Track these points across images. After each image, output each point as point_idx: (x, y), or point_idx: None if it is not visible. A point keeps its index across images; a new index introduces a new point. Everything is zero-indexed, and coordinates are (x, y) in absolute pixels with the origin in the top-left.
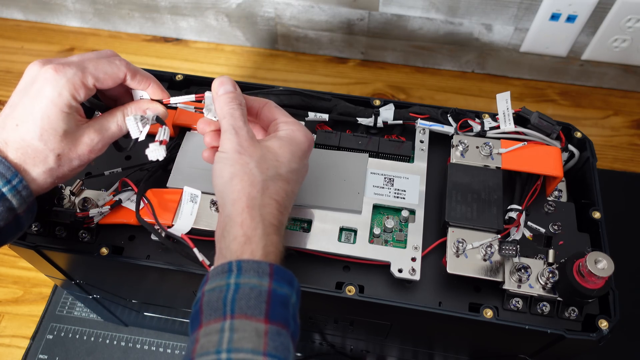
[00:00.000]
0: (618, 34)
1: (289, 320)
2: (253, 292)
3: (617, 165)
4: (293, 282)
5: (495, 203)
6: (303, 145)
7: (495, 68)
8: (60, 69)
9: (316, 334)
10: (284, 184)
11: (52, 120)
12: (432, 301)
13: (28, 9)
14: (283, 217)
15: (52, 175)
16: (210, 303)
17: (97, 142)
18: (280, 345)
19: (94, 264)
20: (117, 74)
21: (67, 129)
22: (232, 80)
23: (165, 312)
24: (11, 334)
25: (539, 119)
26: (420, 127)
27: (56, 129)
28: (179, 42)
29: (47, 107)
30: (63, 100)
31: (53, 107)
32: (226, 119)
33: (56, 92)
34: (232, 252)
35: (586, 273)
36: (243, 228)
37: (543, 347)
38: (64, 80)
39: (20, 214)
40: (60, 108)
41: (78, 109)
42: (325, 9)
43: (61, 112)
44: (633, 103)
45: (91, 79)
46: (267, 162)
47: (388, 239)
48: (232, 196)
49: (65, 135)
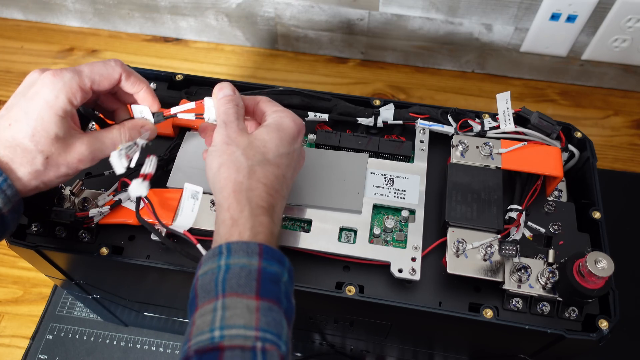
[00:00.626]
0: (618, 33)
1: (280, 297)
2: (243, 271)
3: (617, 165)
4: (284, 261)
5: (495, 203)
6: (291, 130)
7: (495, 68)
8: (58, 73)
9: (316, 334)
10: (273, 168)
11: (46, 122)
12: (432, 301)
13: (28, 9)
14: (275, 201)
15: (37, 177)
16: (204, 286)
17: (87, 153)
18: (273, 321)
19: (94, 264)
20: (112, 75)
21: (59, 133)
22: (231, 85)
23: (165, 312)
24: (11, 334)
25: (539, 119)
26: (420, 127)
27: (48, 132)
28: (179, 42)
29: (42, 109)
30: (59, 103)
31: (48, 109)
32: (220, 116)
33: (53, 95)
34: (221, 236)
35: (586, 273)
36: (230, 212)
37: (543, 347)
38: (61, 84)
39: (5, 214)
40: (55, 111)
41: (73, 116)
42: (325, 9)
43: (56, 115)
44: (633, 103)
45: (88, 81)
46: (254, 149)
47: (388, 239)
48: (220, 184)
49: (57, 139)
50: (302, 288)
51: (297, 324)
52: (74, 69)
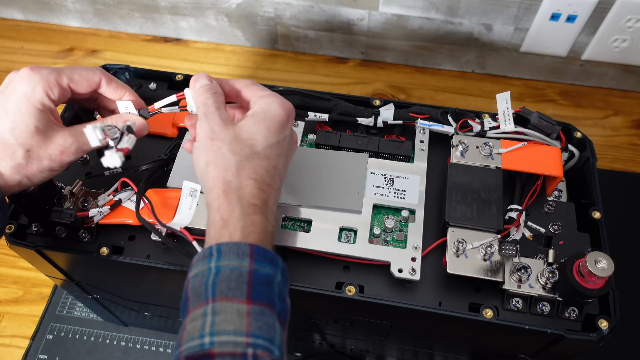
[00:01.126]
0: (618, 33)
1: (273, 299)
2: (233, 274)
3: (617, 165)
4: (276, 261)
5: (495, 203)
6: (279, 117)
7: (495, 68)
8: (36, 69)
9: (316, 334)
10: (262, 161)
11: (24, 115)
12: (432, 301)
13: (28, 9)
14: (267, 195)
15: (19, 171)
16: (195, 289)
17: (70, 144)
18: (264, 325)
19: (94, 264)
20: (92, 78)
21: (39, 125)
22: (207, 75)
23: (165, 312)
24: (11, 334)
25: (539, 119)
26: (420, 127)
27: (28, 124)
28: (179, 42)
29: (20, 102)
30: (36, 96)
31: (26, 102)
32: (200, 108)
33: (30, 88)
34: (211, 238)
35: (586, 273)
36: (220, 212)
37: (543, 347)
38: (38, 77)
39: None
40: (33, 103)
41: (52, 110)
42: (325, 9)
43: (34, 107)
44: (633, 103)
45: (66, 79)
46: (240, 143)
47: (388, 239)
48: (209, 184)
49: (37, 131)
50: (302, 288)
51: (297, 324)
52: (54, 67)
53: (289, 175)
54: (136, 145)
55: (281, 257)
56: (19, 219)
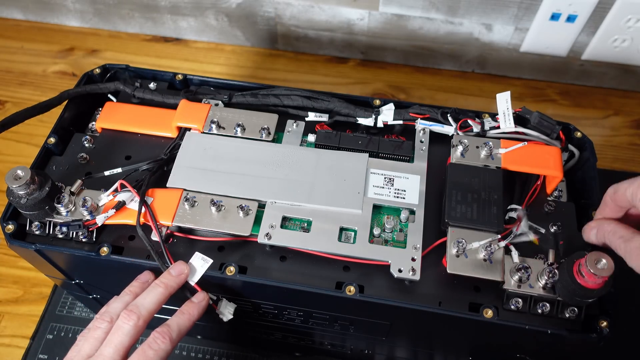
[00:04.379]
0: (618, 33)
1: None
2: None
3: (617, 165)
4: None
5: (495, 203)
6: None
7: (495, 68)
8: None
9: (316, 334)
10: None
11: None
12: (432, 301)
13: (28, 8)
14: None
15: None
16: None
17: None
18: None
19: (94, 264)
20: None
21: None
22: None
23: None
24: (11, 334)
25: (539, 119)
26: (420, 127)
27: None
28: (179, 41)
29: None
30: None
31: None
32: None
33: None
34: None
35: (586, 273)
36: None
37: (543, 347)
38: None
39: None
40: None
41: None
42: (325, 9)
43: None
44: (633, 103)
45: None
46: None
47: (388, 239)
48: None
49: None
50: (302, 288)
51: (296, 324)
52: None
53: (288, 175)
54: (136, 145)
55: (281, 257)
56: (19, 219)
